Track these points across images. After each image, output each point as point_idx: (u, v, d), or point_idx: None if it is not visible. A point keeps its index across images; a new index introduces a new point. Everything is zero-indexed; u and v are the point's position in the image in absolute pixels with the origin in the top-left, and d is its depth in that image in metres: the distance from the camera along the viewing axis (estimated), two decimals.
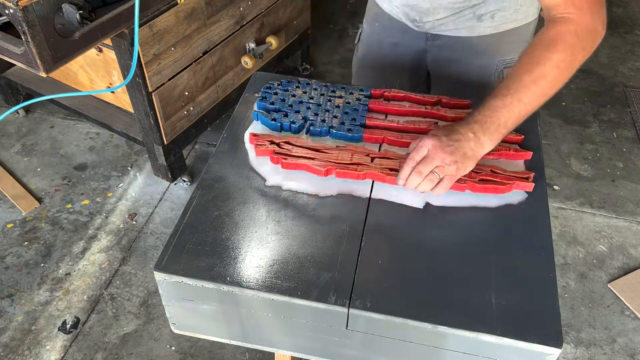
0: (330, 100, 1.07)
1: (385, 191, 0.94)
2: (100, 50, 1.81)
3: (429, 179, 0.88)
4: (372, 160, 0.96)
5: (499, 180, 0.93)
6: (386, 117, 1.06)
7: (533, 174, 0.95)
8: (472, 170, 0.93)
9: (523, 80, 0.89)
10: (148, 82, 1.74)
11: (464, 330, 0.75)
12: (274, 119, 1.03)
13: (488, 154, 0.93)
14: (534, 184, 0.94)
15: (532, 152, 1.00)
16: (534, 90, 0.89)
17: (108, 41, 1.63)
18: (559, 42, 0.90)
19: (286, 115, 1.04)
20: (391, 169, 0.94)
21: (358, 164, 0.95)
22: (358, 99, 1.08)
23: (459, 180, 0.92)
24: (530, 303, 0.79)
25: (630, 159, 2.35)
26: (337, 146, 0.99)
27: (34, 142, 2.36)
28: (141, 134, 1.98)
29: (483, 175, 0.94)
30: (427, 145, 0.89)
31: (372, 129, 1.04)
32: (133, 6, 1.54)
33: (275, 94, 1.09)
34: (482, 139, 0.89)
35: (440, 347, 0.79)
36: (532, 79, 0.89)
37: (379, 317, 0.77)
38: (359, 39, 1.43)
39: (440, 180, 0.89)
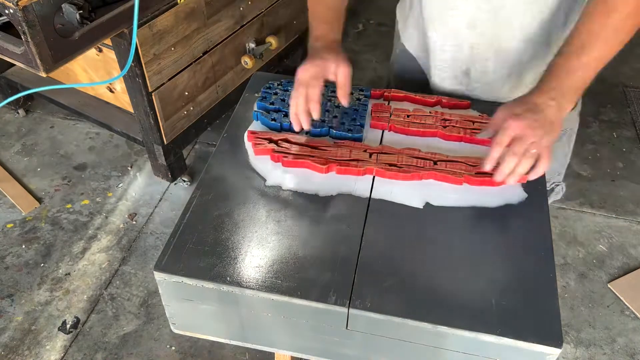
0: (330, 100, 1.07)
1: (385, 191, 0.94)
2: (100, 50, 1.81)
3: (526, 159, 0.84)
4: (370, 156, 0.97)
5: (495, 173, 0.93)
6: (390, 115, 1.06)
7: None
8: (468, 164, 0.95)
9: (598, 36, 0.84)
10: (148, 82, 1.74)
11: (464, 330, 0.75)
12: (274, 119, 1.03)
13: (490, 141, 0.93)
14: (528, 176, 0.94)
15: None
16: (612, 43, 0.85)
17: (108, 41, 1.63)
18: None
19: (286, 115, 1.04)
20: (390, 164, 0.95)
21: (358, 160, 0.96)
22: (358, 99, 1.08)
23: (457, 174, 0.93)
24: (530, 303, 0.78)
25: (630, 159, 2.35)
26: (335, 142, 1.00)
27: (34, 142, 2.36)
28: (141, 134, 1.98)
29: (479, 168, 0.94)
30: (512, 126, 0.84)
31: (379, 113, 1.05)
32: (133, 6, 1.54)
33: (275, 94, 1.09)
34: (562, 104, 0.86)
35: (440, 347, 0.79)
36: (609, 31, 0.84)
37: (379, 317, 0.77)
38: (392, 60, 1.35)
39: (538, 157, 0.84)
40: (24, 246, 1.96)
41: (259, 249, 0.85)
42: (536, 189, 0.94)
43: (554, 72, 0.87)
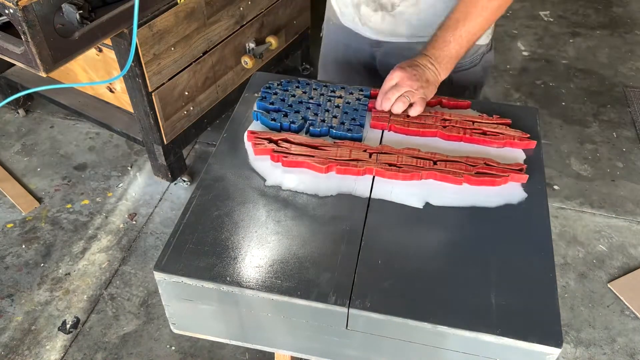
0: (330, 100, 1.07)
1: (385, 191, 0.94)
2: (100, 50, 1.81)
3: (400, 101, 1.02)
4: (370, 156, 0.97)
5: (494, 173, 0.94)
6: (390, 115, 1.06)
7: (526, 165, 0.96)
8: (467, 164, 0.95)
9: (471, 13, 1.02)
10: (148, 82, 1.74)
11: (464, 330, 0.75)
12: (274, 119, 1.03)
13: (492, 142, 1.01)
14: (528, 176, 0.94)
15: (535, 142, 1.01)
16: (481, 20, 1.03)
17: (108, 41, 1.63)
18: None
19: (286, 115, 1.04)
20: (390, 164, 0.95)
21: (357, 160, 0.96)
22: (358, 99, 1.08)
23: (457, 174, 0.93)
24: (530, 303, 0.78)
25: (630, 159, 2.35)
26: (334, 142, 1.00)
27: (34, 142, 2.36)
28: (141, 133, 1.98)
29: (479, 167, 0.94)
30: (395, 77, 1.02)
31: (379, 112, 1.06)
32: (133, 6, 1.54)
33: (275, 94, 1.09)
34: (438, 69, 1.04)
35: (440, 347, 0.79)
36: (479, 10, 1.02)
37: (379, 317, 0.77)
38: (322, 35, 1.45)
39: (413, 103, 1.02)
40: (24, 246, 1.96)
41: (259, 249, 0.85)
42: (536, 189, 0.94)
43: (433, 42, 1.05)
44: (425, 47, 1.05)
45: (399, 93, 1.01)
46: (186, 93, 1.92)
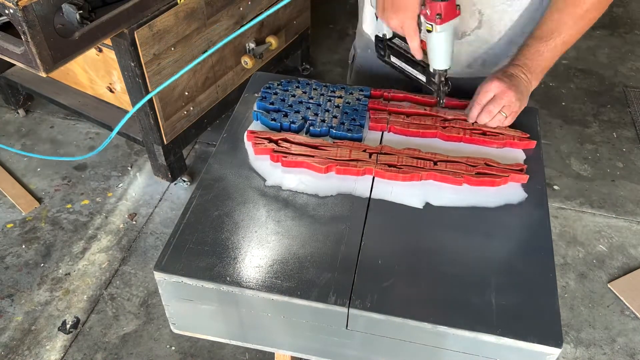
0: (330, 100, 1.07)
1: (385, 191, 0.94)
2: (100, 50, 1.81)
3: (497, 118, 1.00)
4: (370, 156, 0.97)
5: (494, 173, 0.94)
6: (390, 115, 1.06)
7: (526, 166, 0.96)
8: (468, 164, 0.96)
9: (566, 23, 0.97)
10: (148, 82, 1.74)
11: (464, 330, 0.75)
12: (274, 119, 1.03)
13: (492, 142, 1.01)
14: (528, 176, 0.94)
15: (535, 142, 1.01)
16: (575, 30, 0.98)
17: (108, 41, 1.63)
18: None
19: (286, 115, 1.04)
20: (390, 165, 0.95)
21: (357, 160, 0.96)
22: (358, 99, 1.08)
23: (457, 175, 0.93)
24: (530, 303, 0.79)
25: (630, 159, 2.35)
26: (334, 142, 1.00)
27: (34, 142, 2.36)
28: (141, 134, 1.98)
29: (479, 168, 0.94)
30: (493, 88, 0.98)
31: (377, 111, 1.06)
32: (133, 6, 1.54)
33: (275, 94, 1.09)
34: (530, 79, 1.00)
35: (440, 347, 0.79)
36: (575, 19, 0.97)
37: (379, 317, 0.77)
38: (352, 60, 1.36)
39: (507, 116, 0.99)
40: (24, 246, 1.96)
41: (259, 249, 0.85)
42: (536, 189, 0.94)
43: (525, 51, 1.01)
44: (517, 57, 1.01)
45: (500, 106, 0.98)
46: (186, 93, 1.92)
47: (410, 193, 0.93)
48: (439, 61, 0.95)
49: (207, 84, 2.00)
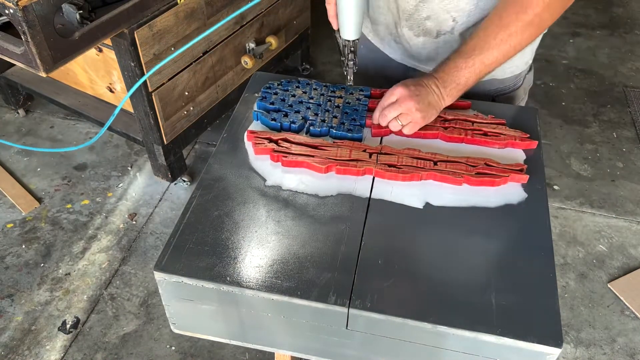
0: (330, 100, 1.07)
1: (385, 191, 0.94)
2: (100, 50, 1.81)
3: (392, 124, 0.98)
4: (370, 156, 0.97)
5: (494, 173, 0.94)
6: None
7: (526, 166, 0.96)
8: (468, 164, 0.95)
9: (489, 43, 0.94)
10: (148, 82, 1.74)
11: (464, 330, 0.75)
12: (274, 119, 1.03)
13: (493, 143, 1.00)
14: (528, 176, 0.94)
15: (536, 142, 1.01)
16: (497, 53, 0.94)
17: (108, 41, 1.63)
18: (528, 7, 0.91)
19: (286, 115, 1.04)
20: (390, 165, 0.95)
21: (357, 160, 0.96)
22: (358, 99, 1.08)
23: (456, 175, 0.93)
24: (530, 303, 0.78)
25: (630, 159, 2.35)
26: (334, 142, 1.00)
27: (34, 142, 2.36)
28: (141, 134, 1.98)
29: (479, 168, 0.94)
30: (396, 93, 0.97)
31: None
32: (133, 6, 1.55)
33: (275, 94, 1.09)
34: (442, 94, 0.97)
35: (440, 347, 0.79)
36: (497, 42, 0.93)
37: (379, 317, 0.77)
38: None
39: (407, 123, 0.98)
40: (24, 246, 1.96)
41: (259, 249, 0.85)
42: (536, 189, 0.94)
43: (444, 65, 0.97)
44: (435, 69, 0.99)
45: (397, 113, 0.97)
46: (186, 93, 1.92)
47: (410, 193, 0.93)
48: (347, 30, 0.94)
49: (207, 84, 2.00)
